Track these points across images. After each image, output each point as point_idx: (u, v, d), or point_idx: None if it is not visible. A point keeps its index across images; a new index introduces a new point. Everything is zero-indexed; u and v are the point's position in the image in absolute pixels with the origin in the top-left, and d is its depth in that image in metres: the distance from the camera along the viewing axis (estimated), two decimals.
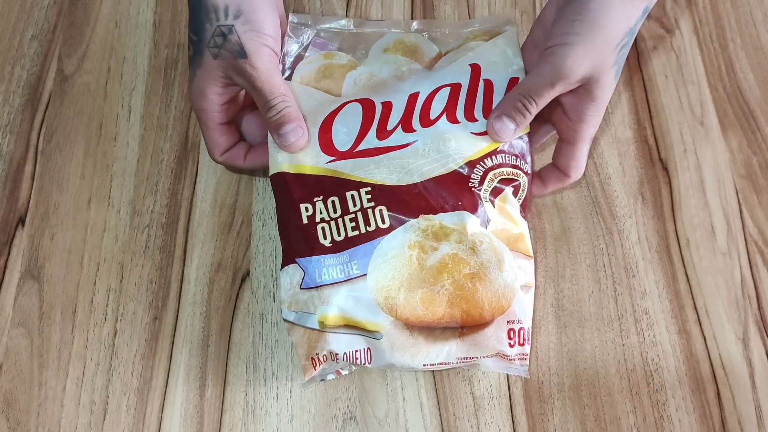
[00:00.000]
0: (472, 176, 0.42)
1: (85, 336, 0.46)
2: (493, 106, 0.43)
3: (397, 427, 0.44)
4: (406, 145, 0.43)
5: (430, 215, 0.41)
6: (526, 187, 0.43)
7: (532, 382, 0.45)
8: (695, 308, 0.47)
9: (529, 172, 0.43)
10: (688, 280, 0.48)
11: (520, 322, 0.41)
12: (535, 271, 0.47)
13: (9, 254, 0.48)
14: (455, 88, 0.44)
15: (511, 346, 0.41)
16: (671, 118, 0.53)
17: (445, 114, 0.43)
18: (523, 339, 0.41)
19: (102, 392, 0.44)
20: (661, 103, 0.54)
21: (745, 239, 0.49)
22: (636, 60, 0.55)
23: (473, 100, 0.43)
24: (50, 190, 0.50)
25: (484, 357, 0.41)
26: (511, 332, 0.41)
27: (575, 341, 0.46)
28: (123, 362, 0.45)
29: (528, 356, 0.42)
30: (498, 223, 0.42)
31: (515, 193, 0.43)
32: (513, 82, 0.43)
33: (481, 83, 0.44)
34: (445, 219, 0.41)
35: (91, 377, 0.45)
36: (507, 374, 0.45)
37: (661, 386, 0.45)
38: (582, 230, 0.50)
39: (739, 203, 0.51)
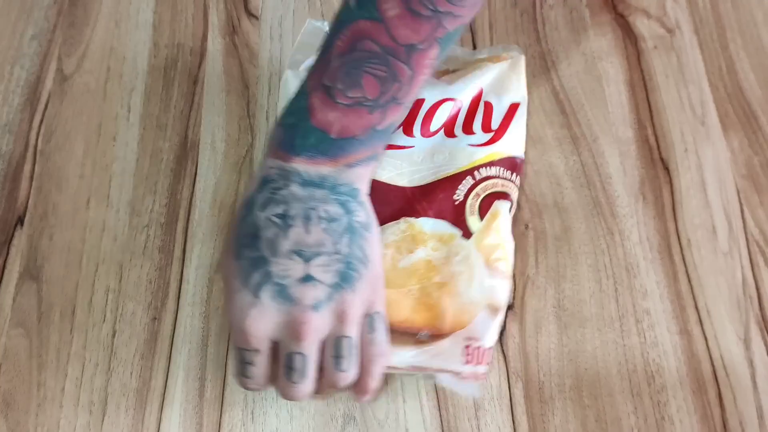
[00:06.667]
0: (459, 187, 0.42)
1: (84, 336, 0.46)
2: (492, 126, 0.44)
3: (397, 427, 0.44)
4: (403, 148, 0.43)
5: (413, 218, 0.41)
6: (515, 202, 0.43)
7: (533, 383, 0.45)
8: (696, 308, 0.47)
9: (518, 187, 0.44)
10: (689, 281, 0.48)
11: (478, 340, 0.41)
12: (535, 272, 0.47)
13: (8, 254, 0.48)
14: (457, 105, 0.44)
15: (464, 363, 0.40)
16: (672, 117, 0.53)
17: (443, 129, 0.44)
18: (481, 358, 0.41)
19: (101, 393, 0.44)
20: (662, 103, 0.54)
21: (747, 239, 0.49)
22: (636, 59, 0.55)
23: (472, 118, 0.44)
24: (49, 189, 0.50)
25: (436, 369, 0.41)
26: (468, 349, 0.40)
27: (576, 342, 0.46)
28: (122, 362, 0.45)
29: (485, 376, 0.41)
30: (482, 236, 0.42)
31: (510, 208, 0.43)
32: (513, 107, 0.44)
33: (482, 104, 0.44)
34: (426, 225, 0.41)
35: (90, 377, 0.45)
36: (507, 374, 0.45)
37: (662, 387, 0.45)
38: (583, 230, 0.49)
39: (741, 203, 0.50)
